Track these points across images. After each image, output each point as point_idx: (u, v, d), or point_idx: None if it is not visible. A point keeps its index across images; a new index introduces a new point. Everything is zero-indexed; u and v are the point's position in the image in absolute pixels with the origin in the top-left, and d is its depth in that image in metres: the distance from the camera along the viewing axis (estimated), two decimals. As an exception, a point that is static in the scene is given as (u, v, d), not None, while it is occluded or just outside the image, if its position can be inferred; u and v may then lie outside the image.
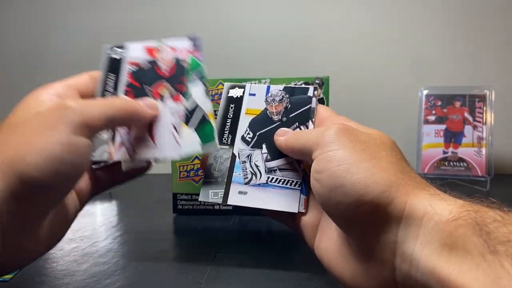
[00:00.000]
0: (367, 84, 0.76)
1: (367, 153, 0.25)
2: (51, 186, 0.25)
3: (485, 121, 0.63)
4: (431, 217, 0.22)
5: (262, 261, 0.36)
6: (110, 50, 0.36)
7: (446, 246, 0.21)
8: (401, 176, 0.25)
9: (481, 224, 0.20)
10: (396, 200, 0.24)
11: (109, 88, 0.34)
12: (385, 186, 0.24)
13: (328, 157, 0.26)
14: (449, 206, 0.22)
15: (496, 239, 0.19)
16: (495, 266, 0.18)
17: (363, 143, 0.26)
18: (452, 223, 0.21)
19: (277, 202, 0.33)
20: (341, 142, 0.26)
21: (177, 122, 0.33)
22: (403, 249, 0.23)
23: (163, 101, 0.33)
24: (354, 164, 0.25)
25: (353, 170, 0.24)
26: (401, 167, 0.25)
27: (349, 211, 0.24)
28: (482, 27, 0.73)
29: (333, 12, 0.76)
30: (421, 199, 0.23)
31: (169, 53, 0.36)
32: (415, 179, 0.25)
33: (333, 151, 0.26)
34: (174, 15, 0.78)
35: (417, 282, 0.22)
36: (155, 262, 0.37)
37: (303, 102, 0.35)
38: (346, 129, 0.27)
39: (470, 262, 0.19)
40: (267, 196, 0.33)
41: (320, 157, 0.26)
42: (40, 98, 0.29)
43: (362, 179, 0.24)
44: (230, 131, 0.36)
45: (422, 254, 0.22)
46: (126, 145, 0.33)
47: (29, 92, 0.31)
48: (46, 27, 0.81)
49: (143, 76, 0.35)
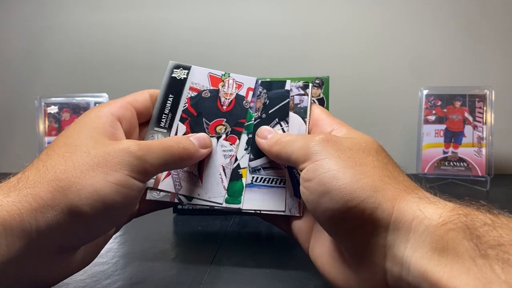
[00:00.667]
0: (367, 84, 0.76)
1: (352, 160, 0.26)
2: (98, 223, 0.25)
3: (485, 121, 0.63)
4: (421, 221, 0.22)
5: (262, 261, 0.36)
6: (175, 69, 0.35)
7: (437, 250, 0.21)
8: (388, 181, 0.25)
9: (471, 228, 0.20)
10: (383, 205, 0.24)
11: (167, 109, 0.34)
12: (371, 192, 0.24)
13: (316, 166, 0.26)
14: (438, 209, 0.22)
15: (486, 243, 0.19)
16: (486, 271, 0.18)
17: (348, 150, 0.27)
18: (442, 227, 0.21)
19: (266, 203, 0.33)
20: (327, 152, 0.27)
21: (227, 164, 0.33)
22: (394, 252, 0.23)
23: (218, 139, 0.33)
24: (340, 171, 0.25)
25: (339, 176, 0.25)
26: (387, 171, 0.26)
27: (336, 216, 0.25)
28: (482, 27, 0.73)
29: (333, 12, 0.76)
30: (409, 203, 0.23)
31: (233, 88, 0.35)
32: (403, 182, 0.25)
33: (320, 161, 0.26)
34: (175, 15, 0.78)
35: (409, 285, 0.22)
36: (155, 262, 0.37)
37: (281, 96, 0.34)
38: (330, 139, 0.28)
39: (460, 266, 0.19)
40: (254, 197, 0.33)
41: (308, 167, 0.27)
42: (98, 115, 0.29)
43: (348, 184, 0.24)
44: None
45: (413, 257, 0.22)
46: (174, 176, 0.33)
47: (28, 92, 0.31)
48: (46, 27, 0.81)
49: (202, 106, 0.34)
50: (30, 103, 0.72)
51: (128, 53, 0.79)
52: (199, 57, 0.76)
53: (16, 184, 0.24)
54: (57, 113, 0.67)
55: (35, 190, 0.24)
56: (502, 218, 0.21)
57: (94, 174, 0.25)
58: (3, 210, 0.22)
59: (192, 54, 0.77)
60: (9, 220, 0.22)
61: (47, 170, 0.25)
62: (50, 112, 0.66)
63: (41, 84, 0.80)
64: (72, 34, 0.80)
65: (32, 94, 0.73)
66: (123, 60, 0.79)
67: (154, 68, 0.78)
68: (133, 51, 0.79)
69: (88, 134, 0.27)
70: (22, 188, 0.24)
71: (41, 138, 0.66)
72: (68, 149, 0.26)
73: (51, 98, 0.67)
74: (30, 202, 0.23)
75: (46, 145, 0.65)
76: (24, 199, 0.23)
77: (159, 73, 0.88)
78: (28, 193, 0.24)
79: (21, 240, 0.23)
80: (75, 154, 0.26)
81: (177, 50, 0.78)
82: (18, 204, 0.23)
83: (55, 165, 0.25)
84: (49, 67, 0.80)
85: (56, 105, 0.67)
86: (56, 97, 0.67)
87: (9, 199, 0.23)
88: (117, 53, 0.79)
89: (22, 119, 0.80)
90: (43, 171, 0.25)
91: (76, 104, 0.67)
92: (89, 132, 0.27)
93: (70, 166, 0.25)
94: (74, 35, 0.80)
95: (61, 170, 0.25)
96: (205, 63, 0.79)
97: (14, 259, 0.23)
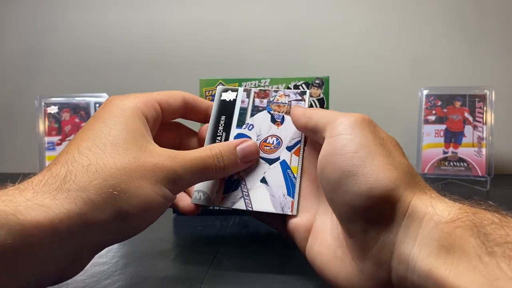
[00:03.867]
0: (367, 84, 0.76)
1: (384, 148, 0.25)
2: (139, 226, 0.27)
3: (485, 121, 0.63)
4: (431, 218, 0.22)
5: (262, 261, 0.36)
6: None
7: (444, 247, 0.21)
8: (410, 177, 0.25)
9: (478, 226, 0.20)
10: (402, 199, 0.24)
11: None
12: (395, 184, 0.24)
13: (345, 140, 0.25)
14: (448, 207, 0.22)
15: (493, 241, 0.19)
16: (492, 268, 0.18)
17: (381, 139, 0.26)
18: (450, 224, 0.21)
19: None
20: (362, 130, 0.26)
21: None
22: (401, 250, 0.23)
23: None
24: (370, 156, 0.24)
25: (369, 161, 0.24)
26: (410, 169, 0.26)
27: (356, 201, 0.24)
28: (482, 27, 0.73)
29: (334, 12, 0.76)
30: (423, 201, 0.23)
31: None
32: (420, 183, 0.25)
33: (353, 135, 0.25)
34: (175, 15, 0.78)
35: (413, 285, 0.22)
36: (155, 262, 0.37)
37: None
38: (370, 120, 0.27)
39: (467, 263, 0.19)
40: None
41: (336, 138, 0.26)
42: (124, 103, 0.30)
43: (375, 171, 0.24)
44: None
45: (420, 256, 0.22)
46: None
47: (28, 92, 0.31)
48: (45, 27, 0.80)
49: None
50: (30, 103, 0.72)
51: (128, 53, 0.79)
52: (199, 57, 0.76)
53: (63, 183, 0.24)
54: (57, 113, 0.66)
55: (85, 194, 0.23)
56: (509, 218, 0.21)
57: (143, 184, 0.26)
58: (52, 213, 0.22)
59: (192, 54, 0.77)
60: (58, 223, 0.22)
61: (96, 171, 0.25)
62: (50, 112, 0.66)
63: (41, 84, 0.80)
64: (72, 34, 0.80)
65: (32, 94, 0.73)
66: (123, 60, 0.79)
67: (154, 68, 0.78)
68: (133, 51, 0.79)
69: (131, 136, 0.27)
70: (71, 190, 0.23)
71: (41, 138, 0.66)
72: (115, 150, 0.26)
73: (51, 98, 0.67)
74: (80, 207, 0.23)
75: (46, 145, 0.65)
76: (73, 201, 0.23)
77: (159, 73, 0.88)
78: (78, 196, 0.23)
79: (66, 242, 0.23)
80: (124, 159, 0.26)
81: (178, 50, 0.78)
82: (67, 206, 0.23)
83: (104, 167, 0.25)
84: (49, 67, 0.80)
85: (56, 105, 0.67)
86: (56, 97, 0.67)
87: (57, 201, 0.23)
88: (117, 53, 0.79)
89: (22, 119, 0.80)
90: (91, 171, 0.24)
91: (76, 104, 0.67)
92: (131, 134, 0.28)
93: (121, 172, 0.25)
94: (74, 35, 0.80)
95: (111, 174, 0.25)
96: (205, 62, 0.79)
97: (53, 257, 0.23)
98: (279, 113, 0.35)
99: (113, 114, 0.28)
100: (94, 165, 0.25)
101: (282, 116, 0.35)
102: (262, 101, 0.36)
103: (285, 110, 0.35)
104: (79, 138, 0.27)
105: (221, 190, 0.34)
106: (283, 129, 0.35)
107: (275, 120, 0.35)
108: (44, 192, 0.23)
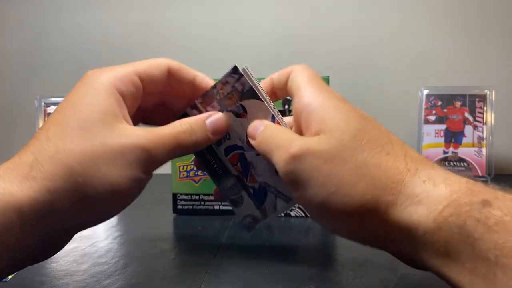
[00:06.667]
0: (367, 84, 0.76)
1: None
2: (110, 212, 0.27)
3: (485, 121, 0.63)
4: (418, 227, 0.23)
5: (262, 261, 0.36)
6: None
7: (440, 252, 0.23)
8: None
9: (463, 234, 0.21)
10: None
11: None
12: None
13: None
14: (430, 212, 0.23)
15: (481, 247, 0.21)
16: None
17: None
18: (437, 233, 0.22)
19: None
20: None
21: None
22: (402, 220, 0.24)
23: None
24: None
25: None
26: None
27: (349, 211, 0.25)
28: (483, 27, 0.73)
29: (334, 12, 0.76)
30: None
31: None
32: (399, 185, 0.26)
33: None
34: (175, 15, 0.78)
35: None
36: (155, 262, 0.37)
37: None
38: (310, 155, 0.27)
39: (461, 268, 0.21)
40: None
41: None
42: (98, 80, 0.28)
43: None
44: None
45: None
46: None
47: (28, 92, 0.31)
48: (45, 27, 0.80)
49: None
50: (30, 103, 0.72)
51: (128, 53, 0.79)
52: (199, 57, 0.76)
53: (29, 171, 0.24)
54: (57, 113, 0.67)
55: (50, 183, 0.24)
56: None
57: (110, 169, 0.25)
58: (18, 200, 0.23)
59: (192, 54, 0.77)
60: (24, 210, 0.23)
61: (62, 159, 0.24)
62: (50, 112, 0.66)
63: (41, 84, 0.80)
64: (72, 34, 0.80)
65: (32, 94, 0.73)
66: (123, 60, 0.78)
67: (154, 68, 0.77)
68: (133, 51, 0.79)
69: (101, 117, 0.26)
70: (37, 179, 0.24)
71: (41, 138, 0.66)
72: (83, 134, 0.25)
73: (51, 98, 0.67)
74: (45, 195, 0.24)
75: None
76: (38, 190, 0.24)
77: (159, 73, 0.86)
78: (44, 185, 0.24)
79: (33, 224, 0.24)
80: (91, 143, 0.25)
81: (177, 50, 0.78)
82: (32, 194, 0.23)
83: (70, 154, 0.25)
84: (49, 67, 0.80)
85: (56, 105, 0.67)
86: (56, 97, 0.67)
87: (23, 189, 0.23)
88: (117, 53, 0.79)
89: (22, 119, 0.80)
90: (57, 159, 0.24)
91: (76, 104, 0.67)
92: (101, 115, 0.26)
93: (87, 158, 0.25)
94: (74, 35, 0.80)
95: (78, 161, 0.24)
96: (205, 62, 0.79)
97: (25, 241, 0.24)
98: (236, 104, 0.32)
99: (85, 93, 0.28)
100: (61, 152, 0.25)
101: (240, 105, 0.32)
102: (214, 106, 0.32)
103: (237, 97, 0.32)
104: (50, 122, 0.27)
105: (255, 204, 0.33)
106: (251, 116, 0.31)
107: (239, 114, 0.32)
108: (11, 179, 0.24)
